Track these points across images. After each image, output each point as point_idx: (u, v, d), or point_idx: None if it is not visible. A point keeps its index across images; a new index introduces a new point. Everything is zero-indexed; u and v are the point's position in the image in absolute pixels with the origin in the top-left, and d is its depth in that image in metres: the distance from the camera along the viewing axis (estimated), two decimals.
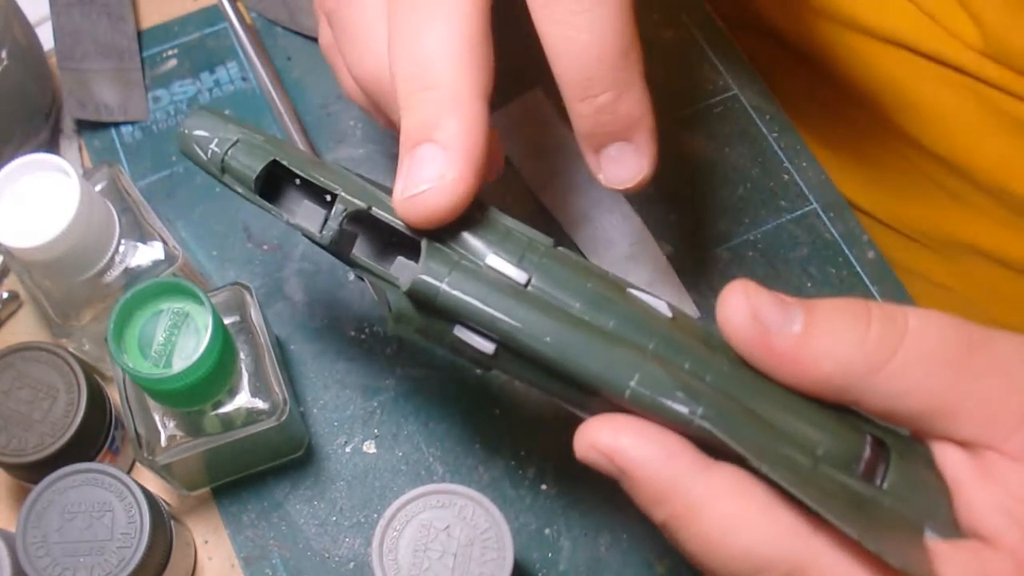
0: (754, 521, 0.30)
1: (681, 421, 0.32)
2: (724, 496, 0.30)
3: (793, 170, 0.57)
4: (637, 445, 0.31)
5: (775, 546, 0.30)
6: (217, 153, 0.38)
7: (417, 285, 0.34)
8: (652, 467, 0.31)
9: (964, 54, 0.54)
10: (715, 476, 0.31)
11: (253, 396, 0.44)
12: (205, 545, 0.48)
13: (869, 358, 0.30)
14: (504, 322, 0.34)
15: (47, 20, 0.57)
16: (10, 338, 0.51)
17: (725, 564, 0.30)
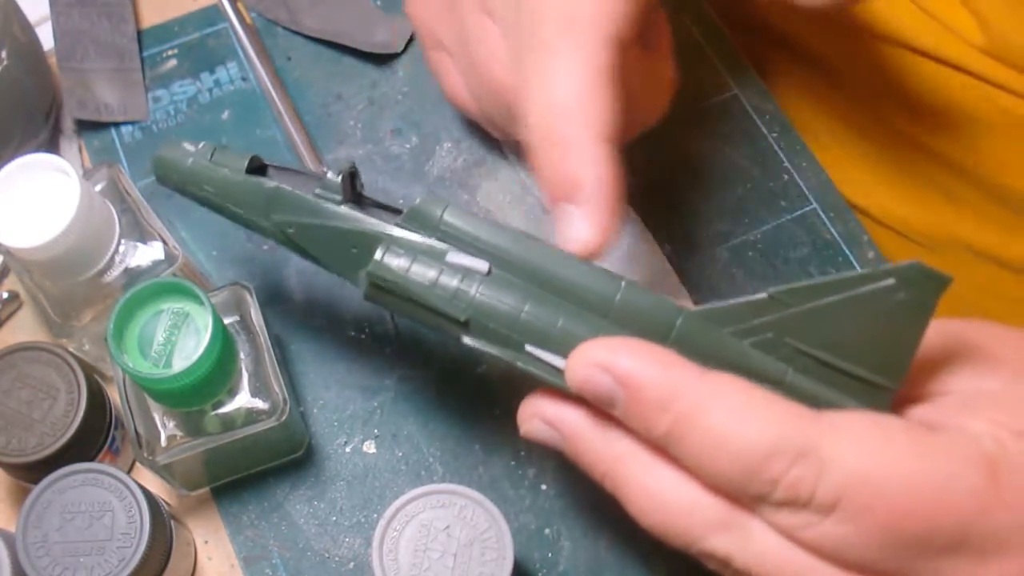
0: (760, 409, 0.31)
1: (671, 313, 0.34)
2: (728, 391, 0.31)
3: (793, 170, 0.57)
4: (635, 355, 0.32)
5: (784, 428, 0.30)
6: (205, 151, 0.41)
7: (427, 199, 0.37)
8: (653, 372, 0.32)
9: (965, 52, 0.54)
10: (714, 376, 0.32)
11: (253, 396, 0.44)
12: (205, 545, 0.48)
13: None
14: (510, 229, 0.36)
15: (47, 20, 0.57)
16: (10, 338, 0.51)
17: (736, 457, 0.30)
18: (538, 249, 0.36)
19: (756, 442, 0.30)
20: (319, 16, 0.59)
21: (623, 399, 0.32)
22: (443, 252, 0.36)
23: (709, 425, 0.31)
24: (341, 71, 0.59)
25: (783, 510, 0.31)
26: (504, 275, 0.36)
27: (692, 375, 0.32)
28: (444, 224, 0.36)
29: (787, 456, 0.30)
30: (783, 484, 0.30)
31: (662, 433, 0.32)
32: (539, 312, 0.35)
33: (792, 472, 0.30)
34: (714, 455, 0.31)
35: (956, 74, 0.55)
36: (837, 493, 0.30)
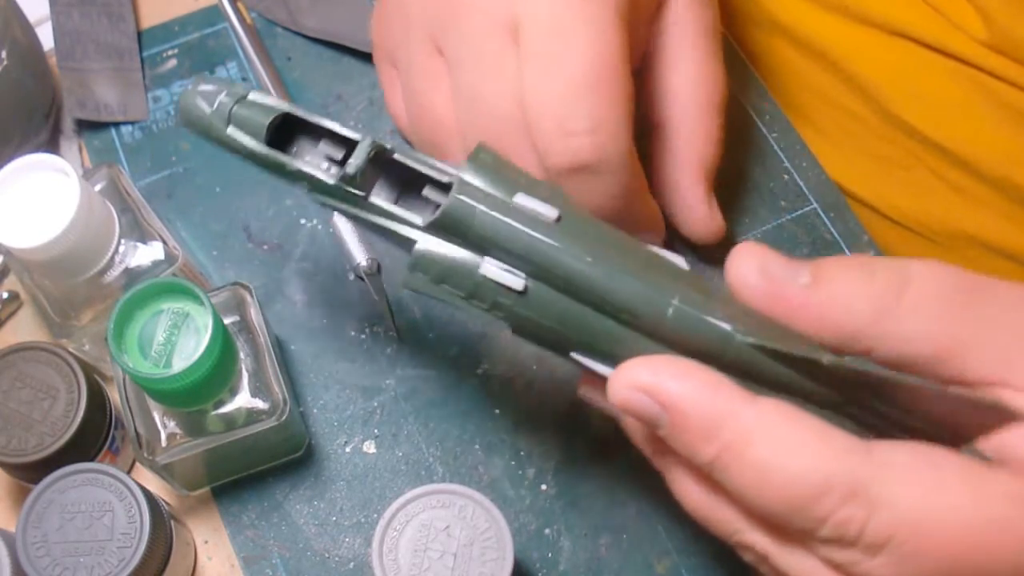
0: (810, 442, 0.29)
1: (722, 340, 0.31)
2: (777, 422, 0.30)
3: (793, 170, 0.57)
4: (680, 378, 0.31)
5: (834, 465, 0.29)
6: (226, 103, 0.37)
7: (453, 205, 0.33)
8: (699, 398, 0.30)
9: (968, 46, 0.54)
10: (763, 405, 0.30)
11: (253, 396, 0.44)
12: (205, 545, 0.48)
13: (875, 303, 0.31)
14: (545, 242, 0.33)
15: (47, 20, 0.57)
16: (10, 338, 0.51)
17: (782, 492, 0.29)
18: (577, 266, 0.33)
19: (805, 479, 0.29)
20: (319, 16, 0.59)
21: (667, 423, 0.31)
22: (478, 262, 0.34)
23: (756, 458, 0.29)
24: (341, 71, 0.59)
25: (830, 546, 0.30)
26: (541, 291, 0.34)
27: (740, 402, 0.30)
28: (475, 233, 0.34)
29: (836, 495, 0.29)
30: (831, 523, 0.29)
31: (707, 460, 0.31)
32: (581, 327, 0.34)
33: (841, 511, 0.29)
34: (760, 489, 0.30)
35: (959, 67, 0.55)
36: (887, 535, 0.29)
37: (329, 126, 0.37)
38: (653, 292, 0.33)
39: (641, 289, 0.33)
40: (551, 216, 0.34)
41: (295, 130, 0.38)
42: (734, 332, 0.32)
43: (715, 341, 0.32)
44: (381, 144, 0.36)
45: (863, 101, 0.59)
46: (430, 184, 0.37)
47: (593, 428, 0.50)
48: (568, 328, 0.34)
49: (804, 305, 0.31)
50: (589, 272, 0.33)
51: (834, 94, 0.60)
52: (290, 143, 0.38)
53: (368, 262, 0.52)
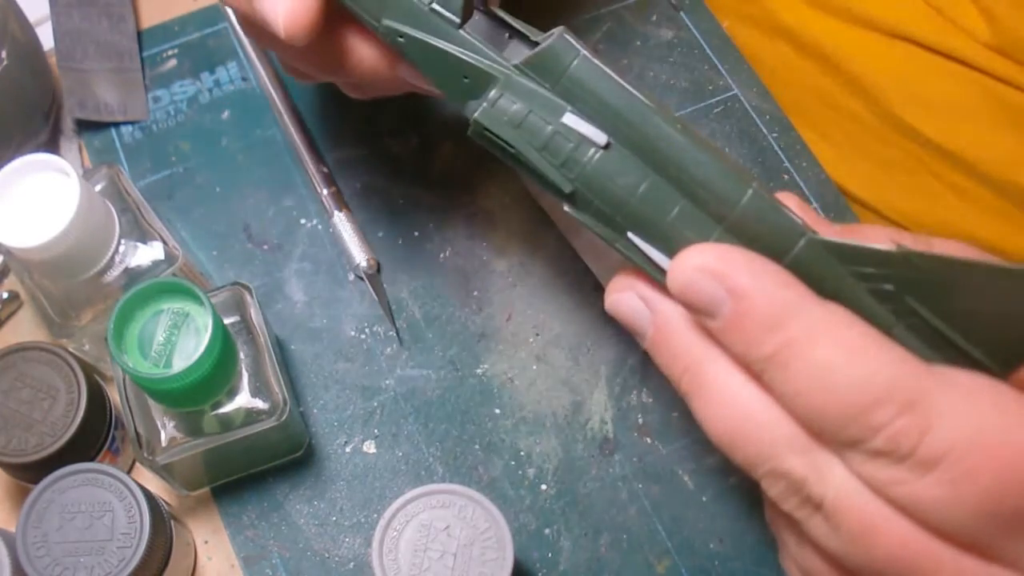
0: (875, 349, 0.29)
1: (792, 233, 0.31)
2: (843, 324, 0.29)
3: (793, 170, 0.57)
4: (751, 267, 0.30)
5: (896, 374, 0.28)
6: None
7: (557, 43, 0.32)
8: (768, 288, 0.29)
9: (972, 48, 0.54)
10: (832, 307, 0.30)
11: (253, 396, 0.44)
12: (205, 545, 0.48)
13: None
14: (638, 100, 0.32)
15: (47, 20, 0.57)
16: (10, 338, 0.51)
17: (841, 395, 0.28)
18: (667, 130, 0.32)
19: (866, 383, 0.28)
20: None
21: (728, 312, 0.30)
22: (562, 111, 0.33)
23: (819, 356, 0.29)
24: None
25: (877, 460, 0.29)
26: (623, 152, 0.32)
27: (809, 299, 0.29)
28: (568, 78, 0.32)
29: (896, 404, 0.28)
30: (885, 433, 0.28)
31: (765, 355, 0.29)
32: (651, 201, 0.32)
33: (899, 421, 0.28)
34: (817, 389, 0.29)
35: (962, 70, 0.55)
36: (941, 452, 0.28)
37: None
38: (734, 174, 0.32)
39: (723, 168, 0.32)
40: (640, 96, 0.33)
41: None
42: (806, 227, 0.31)
43: (785, 233, 0.31)
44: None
45: (866, 104, 0.59)
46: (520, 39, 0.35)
47: (593, 428, 0.50)
48: (638, 198, 0.33)
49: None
50: (679, 139, 0.32)
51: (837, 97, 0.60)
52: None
53: (368, 262, 0.52)
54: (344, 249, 0.53)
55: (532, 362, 0.51)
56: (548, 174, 0.33)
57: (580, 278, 0.53)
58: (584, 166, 0.33)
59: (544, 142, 0.33)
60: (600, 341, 0.52)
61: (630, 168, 0.32)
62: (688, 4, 0.61)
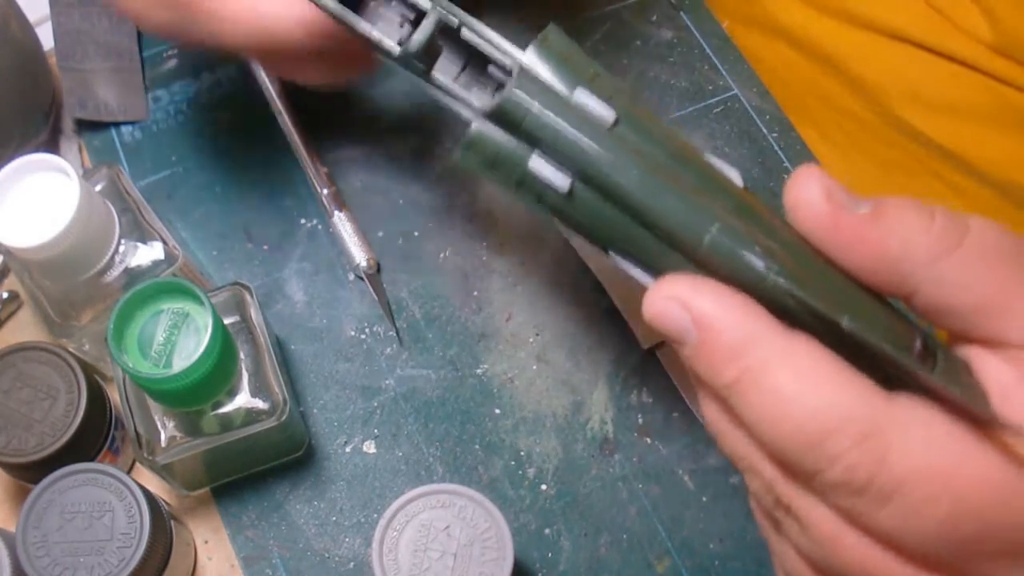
0: (832, 380, 0.29)
1: (755, 277, 0.31)
2: (802, 354, 0.30)
3: (793, 170, 0.57)
4: (717, 299, 0.31)
5: (851, 406, 0.29)
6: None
7: (509, 99, 0.33)
8: (730, 319, 0.30)
9: (974, 49, 0.54)
10: (792, 337, 0.30)
11: (253, 396, 0.44)
12: (205, 545, 0.48)
13: (933, 244, 0.30)
14: (592, 150, 0.33)
15: (47, 20, 0.57)
16: (10, 338, 0.51)
17: (796, 426, 0.29)
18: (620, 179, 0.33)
19: (821, 414, 0.28)
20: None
21: (694, 340, 0.31)
22: (527, 155, 0.34)
23: (773, 387, 0.29)
24: None
25: (838, 490, 0.29)
26: (586, 194, 0.33)
27: (769, 329, 0.30)
28: (527, 127, 0.33)
29: (850, 435, 0.28)
30: (841, 463, 0.28)
31: (726, 383, 0.30)
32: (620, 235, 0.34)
33: (852, 454, 0.28)
34: (774, 420, 0.29)
35: (963, 70, 0.55)
36: (897, 483, 0.28)
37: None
38: (693, 215, 0.32)
39: (682, 211, 0.32)
40: (607, 118, 0.33)
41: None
42: (767, 272, 0.31)
43: (748, 276, 0.32)
44: (445, 22, 0.36)
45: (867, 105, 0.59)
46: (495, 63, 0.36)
47: (593, 428, 0.50)
48: (608, 231, 0.34)
49: (861, 236, 0.31)
50: (631, 188, 0.33)
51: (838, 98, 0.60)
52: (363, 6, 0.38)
53: (368, 262, 0.52)
54: (344, 249, 0.53)
55: (532, 362, 0.51)
56: (529, 207, 0.34)
57: (580, 278, 0.53)
58: (555, 204, 0.34)
59: (518, 181, 0.34)
60: (600, 341, 0.52)
61: (597, 207, 0.34)
62: (688, 4, 0.61)
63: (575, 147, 0.33)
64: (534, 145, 0.34)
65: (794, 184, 0.32)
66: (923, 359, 0.32)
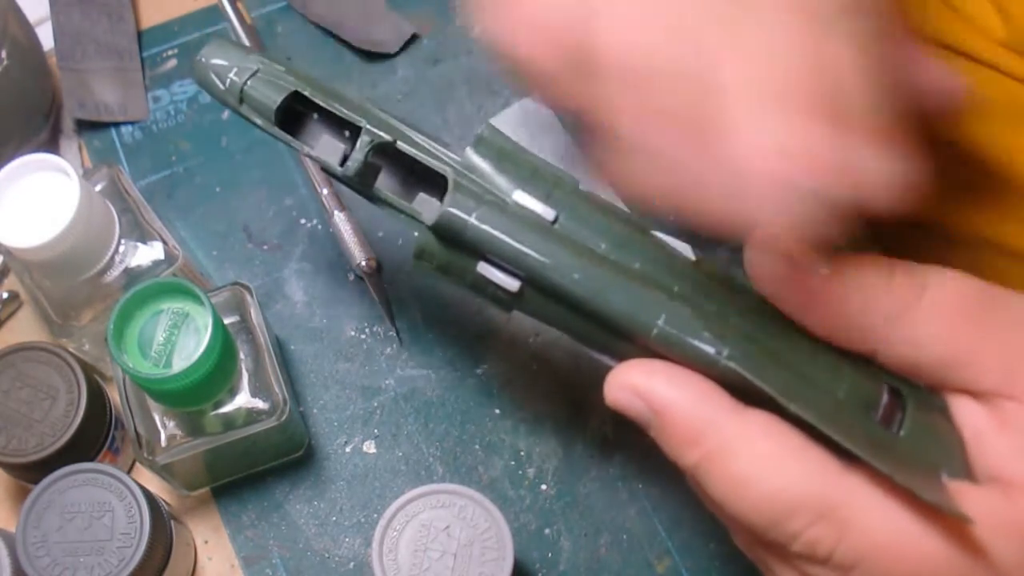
0: (787, 461, 0.30)
1: (707, 362, 0.32)
2: (758, 436, 0.30)
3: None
4: (671, 385, 0.31)
5: (807, 486, 0.29)
6: (236, 83, 0.38)
7: (444, 218, 0.34)
8: (686, 406, 0.31)
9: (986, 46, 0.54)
10: (748, 418, 0.31)
11: (253, 396, 0.44)
12: (205, 545, 0.48)
13: (893, 302, 0.31)
14: (532, 257, 0.33)
15: (47, 20, 0.57)
16: (10, 338, 0.51)
17: (756, 506, 0.30)
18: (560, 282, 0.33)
19: (778, 495, 0.30)
20: (326, 2, 0.59)
21: (655, 426, 0.32)
22: (474, 263, 0.35)
23: (733, 469, 0.30)
24: (341, 71, 0.59)
25: (803, 560, 0.30)
26: (535, 294, 0.34)
27: (725, 412, 0.31)
28: (470, 241, 0.34)
29: (808, 514, 0.29)
30: (802, 540, 0.29)
31: (690, 465, 0.32)
32: (573, 330, 0.35)
33: (811, 530, 0.29)
34: (735, 500, 0.30)
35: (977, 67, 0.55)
36: (856, 557, 0.29)
37: (333, 110, 0.37)
38: (639, 310, 0.33)
39: (628, 305, 0.33)
40: (547, 217, 0.34)
41: (310, 106, 0.38)
42: (718, 357, 0.32)
43: (700, 361, 0.32)
44: (381, 141, 0.37)
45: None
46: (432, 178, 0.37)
47: (593, 428, 0.50)
48: (561, 326, 0.35)
49: (821, 297, 0.31)
50: (575, 289, 0.33)
51: None
52: (304, 121, 0.39)
53: (368, 262, 0.52)
54: (344, 249, 0.53)
55: (532, 362, 0.51)
56: (484, 300, 0.35)
57: None
58: (509, 302, 0.35)
59: (470, 283, 0.35)
60: None
61: (548, 305, 0.34)
62: None
63: (515, 254, 0.34)
64: (481, 251, 0.34)
65: (754, 247, 0.32)
66: (889, 415, 0.32)
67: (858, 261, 0.32)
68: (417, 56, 0.59)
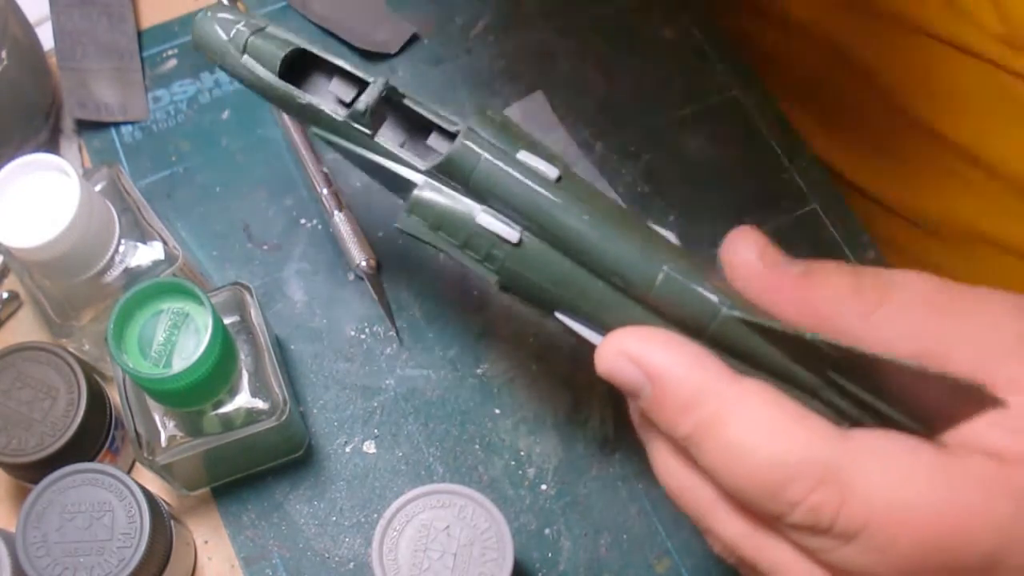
0: (786, 426, 0.29)
1: (710, 311, 0.32)
2: (755, 402, 0.30)
3: (793, 170, 0.57)
4: (667, 350, 0.31)
5: (807, 451, 0.29)
6: (243, 32, 0.38)
7: (457, 152, 0.34)
8: (681, 371, 0.31)
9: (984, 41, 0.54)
10: (744, 385, 0.31)
11: (253, 396, 0.44)
12: (205, 545, 0.48)
13: (862, 302, 0.31)
14: (542, 196, 0.33)
15: (47, 20, 0.57)
16: (10, 338, 0.51)
17: (753, 473, 0.29)
18: (572, 223, 0.33)
19: (777, 461, 0.29)
20: (326, 2, 0.59)
21: (649, 394, 0.31)
22: (475, 210, 0.34)
23: (730, 436, 0.30)
24: None
25: (802, 532, 0.30)
26: (536, 244, 0.34)
27: (721, 379, 0.31)
28: (475, 180, 0.34)
29: (808, 479, 0.29)
30: (802, 508, 0.29)
31: (683, 435, 0.31)
32: (571, 286, 0.34)
33: (812, 497, 0.29)
34: (732, 468, 0.30)
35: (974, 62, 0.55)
36: (859, 522, 0.29)
37: (343, 65, 0.37)
38: (645, 257, 0.33)
39: (634, 252, 0.33)
40: (551, 175, 0.34)
41: (308, 68, 0.39)
42: (721, 304, 0.32)
43: (701, 311, 0.32)
44: (393, 86, 0.37)
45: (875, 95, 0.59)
46: (437, 132, 0.37)
47: (593, 428, 0.50)
48: (557, 285, 0.34)
49: (795, 294, 0.32)
50: (584, 230, 0.33)
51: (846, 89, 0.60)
52: (303, 79, 0.39)
53: (368, 262, 0.52)
54: (344, 249, 0.53)
55: (532, 362, 0.51)
56: (473, 268, 0.35)
57: None
58: (503, 260, 0.34)
59: (464, 240, 0.35)
60: None
61: (545, 259, 0.34)
62: (688, 4, 0.61)
63: (527, 194, 0.34)
64: (482, 199, 0.34)
65: (730, 243, 0.33)
66: None
67: (827, 265, 0.32)
68: (417, 56, 0.59)
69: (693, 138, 0.57)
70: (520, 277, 0.35)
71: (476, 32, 0.60)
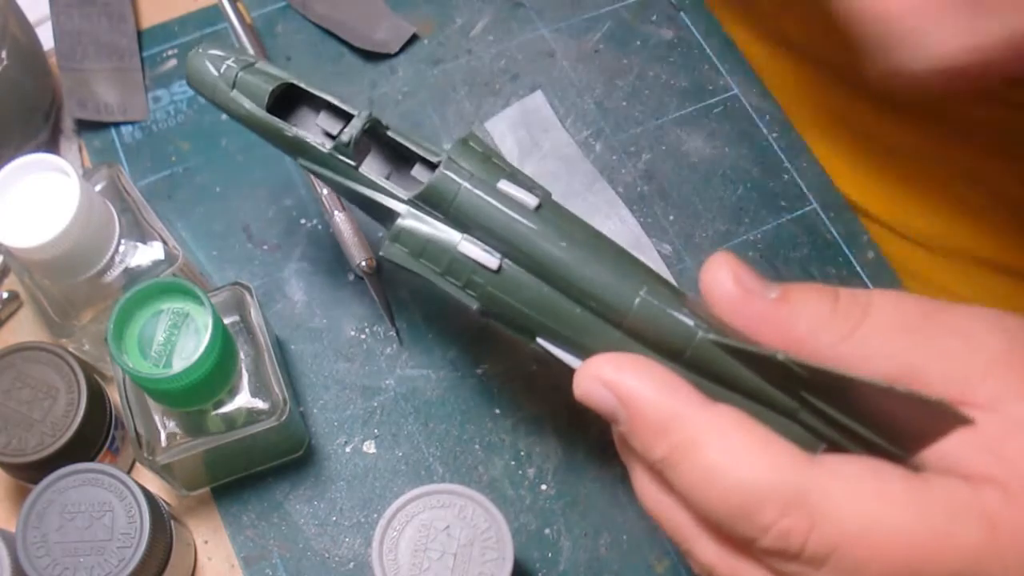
0: (757, 452, 0.30)
1: (686, 335, 0.33)
2: (727, 428, 0.31)
3: (793, 170, 0.57)
4: (641, 376, 0.32)
5: (777, 475, 0.30)
6: (232, 68, 0.40)
7: (439, 181, 0.35)
8: (656, 397, 0.31)
9: None
10: (717, 410, 0.31)
11: (253, 396, 0.44)
12: (205, 545, 0.48)
13: (840, 324, 0.32)
14: (521, 224, 0.34)
15: (47, 20, 0.57)
16: (10, 338, 0.51)
17: (724, 498, 0.30)
18: (549, 249, 0.35)
19: (747, 486, 0.30)
20: (326, 2, 0.59)
21: (624, 418, 0.32)
22: (454, 241, 0.36)
23: (702, 460, 0.30)
24: (341, 71, 0.59)
25: (774, 557, 0.30)
26: (515, 271, 0.35)
27: (694, 404, 0.31)
28: (456, 208, 0.35)
29: (778, 504, 0.29)
30: (773, 533, 0.29)
31: (657, 459, 0.32)
32: (550, 312, 0.35)
33: (783, 522, 0.29)
34: (704, 492, 0.30)
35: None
36: (829, 547, 0.29)
37: (329, 99, 0.39)
38: (622, 282, 0.34)
39: (611, 278, 0.34)
40: (531, 203, 0.35)
41: (296, 102, 0.40)
42: (697, 327, 0.33)
43: (678, 335, 0.33)
44: (376, 119, 0.38)
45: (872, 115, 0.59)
46: (420, 163, 0.39)
47: (593, 429, 0.50)
48: (537, 311, 0.35)
49: (771, 318, 0.32)
50: (562, 256, 0.34)
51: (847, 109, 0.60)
52: (290, 113, 0.40)
53: (368, 262, 0.52)
54: (344, 249, 0.53)
55: (532, 362, 0.51)
56: (455, 295, 0.36)
57: None
58: (483, 286, 0.36)
59: (446, 267, 0.36)
60: None
61: (525, 285, 0.35)
62: (688, 4, 0.61)
63: (505, 222, 0.35)
64: (463, 227, 0.36)
65: (708, 269, 0.33)
66: None
67: (804, 288, 0.33)
68: (417, 56, 0.59)
69: (693, 138, 0.57)
70: (500, 303, 0.36)
71: (476, 32, 0.60)
